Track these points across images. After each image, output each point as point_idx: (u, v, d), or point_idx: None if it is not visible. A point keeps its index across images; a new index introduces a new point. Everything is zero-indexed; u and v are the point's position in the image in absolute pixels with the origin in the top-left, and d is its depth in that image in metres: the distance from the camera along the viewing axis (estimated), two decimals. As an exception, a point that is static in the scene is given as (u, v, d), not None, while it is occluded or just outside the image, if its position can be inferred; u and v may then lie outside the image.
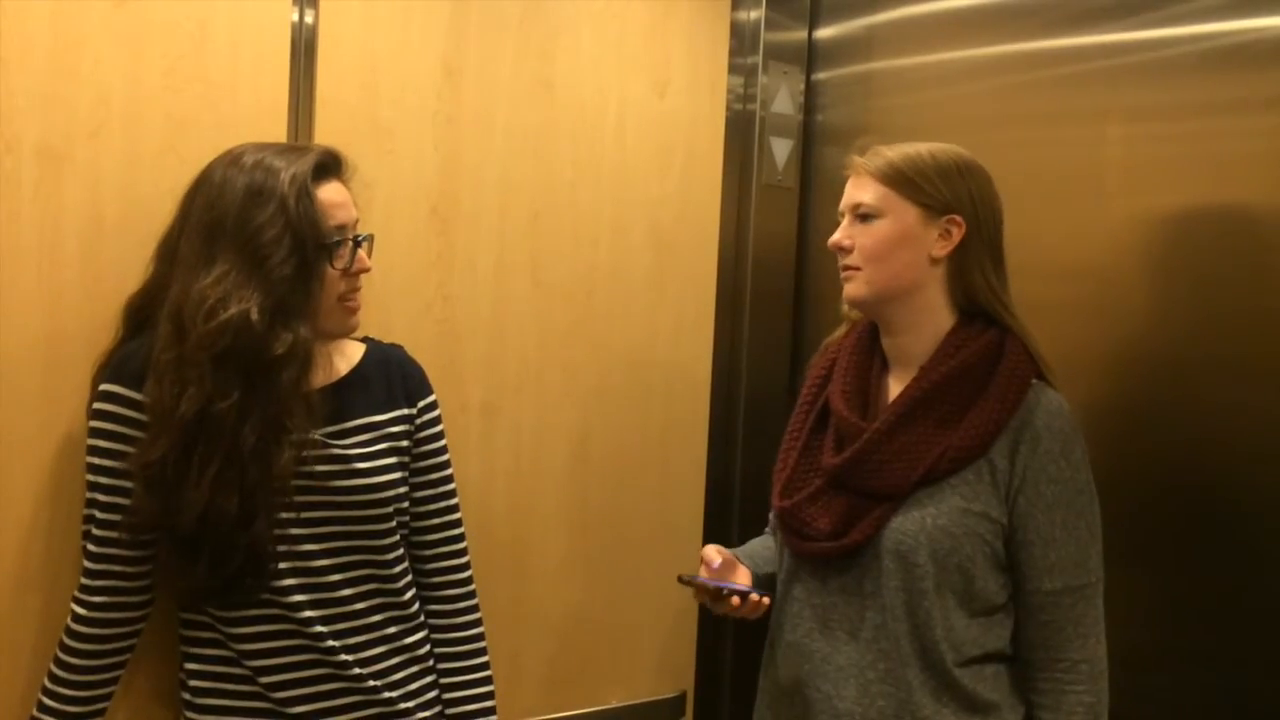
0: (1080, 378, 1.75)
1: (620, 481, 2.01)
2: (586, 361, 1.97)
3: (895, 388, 1.49)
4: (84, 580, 1.42)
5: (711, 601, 1.50)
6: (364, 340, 1.57)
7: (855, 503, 1.44)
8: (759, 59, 2.14)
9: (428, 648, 1.55)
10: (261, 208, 1.35)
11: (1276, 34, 1.53)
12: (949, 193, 1.45)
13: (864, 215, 1.47)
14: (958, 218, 1.45)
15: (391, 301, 1.73)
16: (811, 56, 2.20)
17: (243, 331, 1.31)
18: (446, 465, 1.58)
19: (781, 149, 2.17)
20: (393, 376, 1.54)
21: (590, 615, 2.00)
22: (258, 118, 1.59)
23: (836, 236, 1.49)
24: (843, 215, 1.50)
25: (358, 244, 1.44)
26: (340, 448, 1.44)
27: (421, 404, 1.55)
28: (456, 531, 1.59)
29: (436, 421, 1.57)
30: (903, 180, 1.45)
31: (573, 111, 1.92)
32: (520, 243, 1.88)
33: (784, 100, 2.18)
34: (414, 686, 1.51)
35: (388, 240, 1.66)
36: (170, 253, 1.41)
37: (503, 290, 1.86)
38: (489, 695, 1.58)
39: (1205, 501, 1.63)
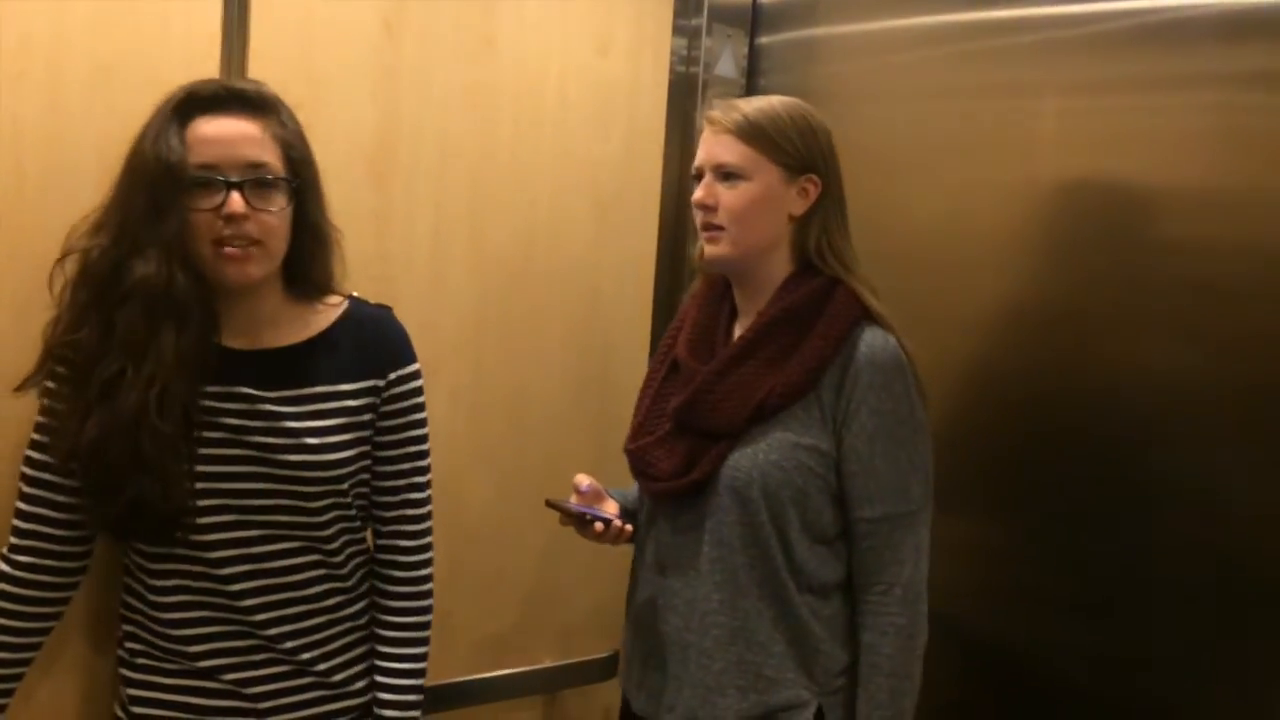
0: (1011, 334, 1.80)
1: (556, 444, 2.01)
2: (524, 323, 1.96)
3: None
4: (12, 539, 1.39)
5: (578, 527, 1.55)
6: (349, 299, 1.51)
7: (696, 443, 1.51)
8: (703, 21, 2.13)
9: (369, 616, 1.53)
10: (140, 141, 1.33)
11: (1208, 10, 1.55)
12: (806, 152, 1.51)
13: (728, 175, 1.50)
14: (814, 176, 1.51)
15: (326, 258, 1.70)
16: (756, 20, 2.19)
17: (90, 266, 1.32)
18: (415, 441, 1.52)
19: (724, 112, 2.16)
20: (367, 343, 1.48)
21: (523, 576, 2.00)
22: (188, 66, 1.54)
23: (700, 195, 1.52)
24: (701, 171, 1.53)
25: (232, 186, 1.33)
26: (292, 418, 1.40)
27: (394, 375, 1.49)
28: (415, 512, 1.53)
29: (411, 394, 1.51)
30: (765, 140, 1.49)
31: (514, 70, 1.89)
32: (459, 201, 1.86)
33: (727, 63, 2.17)
34: (353, 654, 1.50)
35: (322, 196, 1.63)
36: None
37: (441, 249, 1.84)
38: (412, 690, 1.52)
39: (1086, 448, 1.70)
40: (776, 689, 1.48)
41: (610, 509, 1.59)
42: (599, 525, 1.52)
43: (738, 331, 1.57)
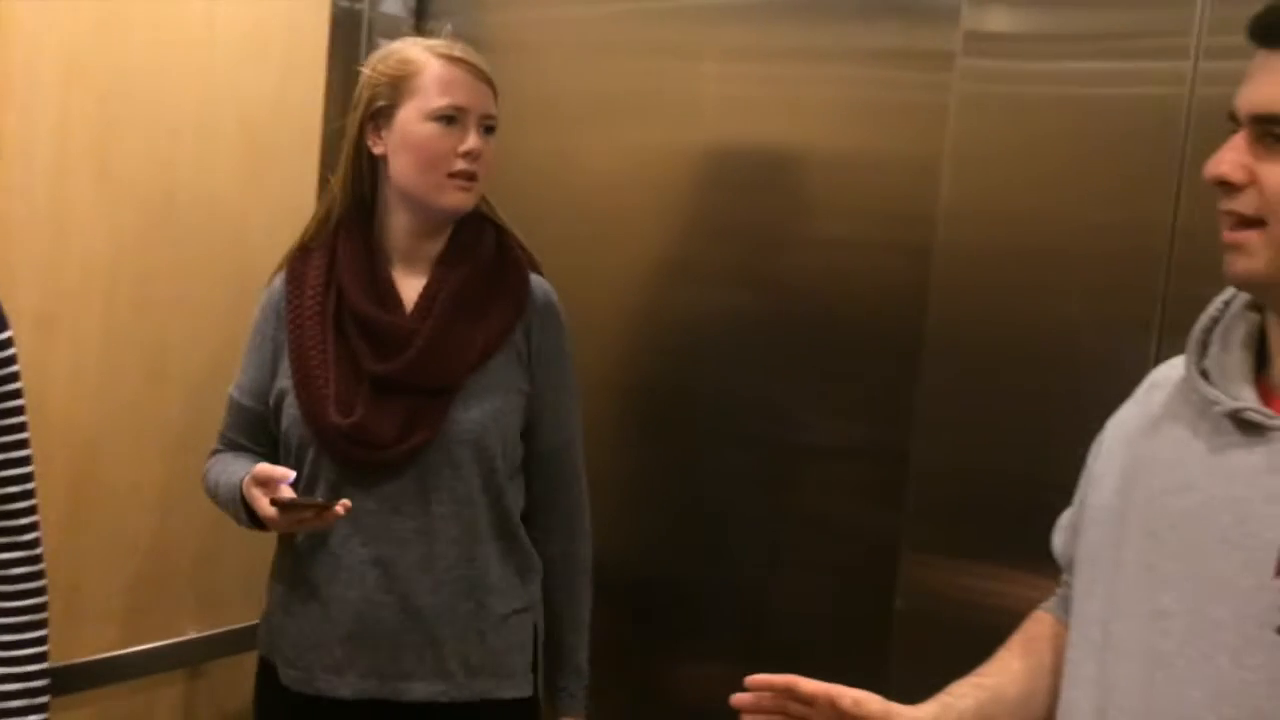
0: (667, 285, 1.89)
1: (204, 400, 1.86)
2: (165, 267, 1.80)
3: (409, 282, 1.58)
4: None
5: (314, 516, 1.43)
6: None
7: (414, 403, 1.51)
8: (371, -46, 2.04)
9: None
10: None
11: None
12: None
13: (490, 128, 1.55)
14: None
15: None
16: (426, -43, 2.12)
17: None
18: (10, 413, 1.39)
19: (390, 52, 2.08)
20: None
21: (165, 542, 1.86)
22: None
23: (478, 144, 1.52)
24: (464, 112, 1.51)
25: None
26: None
27: None
28: (15, 489, 1.40)
29: (6, 361, 1.37)
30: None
31: (154, -13, 1.73)
32: (86, 130, 1.67)
33: (395, 1, 2.08)
34: None
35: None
36: None
37: (64, 183, 1.65)
38: (34, 684, 1.41)
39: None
40: (510, 622, 1.58)
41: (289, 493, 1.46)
42: (340, 509, 1.40)
43: (402, 278, 1.58)
